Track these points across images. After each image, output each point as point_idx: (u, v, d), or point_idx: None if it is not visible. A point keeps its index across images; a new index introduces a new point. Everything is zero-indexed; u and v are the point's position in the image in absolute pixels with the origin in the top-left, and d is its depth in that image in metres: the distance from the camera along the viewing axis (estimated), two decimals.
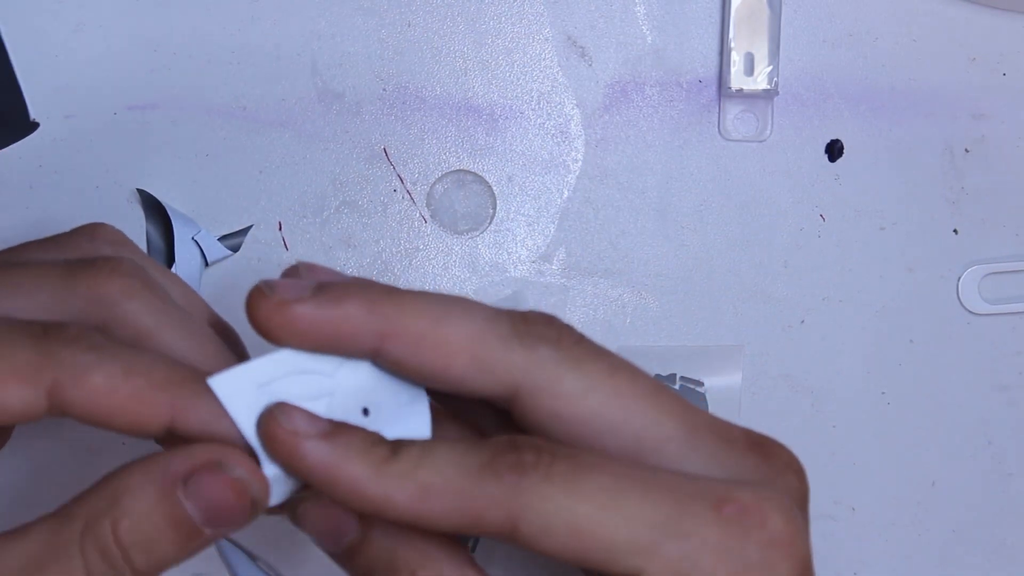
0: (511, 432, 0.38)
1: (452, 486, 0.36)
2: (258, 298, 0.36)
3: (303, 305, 0.36)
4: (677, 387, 0.56)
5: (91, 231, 0.43)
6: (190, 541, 0.36)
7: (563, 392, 0.37)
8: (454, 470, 0.36)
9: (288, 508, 0.38)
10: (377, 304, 0.37)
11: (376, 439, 0.37)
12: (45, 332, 0.37)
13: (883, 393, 0.56)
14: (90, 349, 0.37)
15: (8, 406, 0.36)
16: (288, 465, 0.36)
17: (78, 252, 0.42)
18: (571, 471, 0.36)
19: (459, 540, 0.38)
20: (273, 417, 0.36)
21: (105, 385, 0.36)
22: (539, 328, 0.38)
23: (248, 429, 0.36)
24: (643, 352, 0.56)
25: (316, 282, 0.37)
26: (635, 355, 0.55)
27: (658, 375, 0.56)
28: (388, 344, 0.37)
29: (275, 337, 0.36)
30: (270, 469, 0.36)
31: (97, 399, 0.36)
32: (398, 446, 0.36)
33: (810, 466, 0.56)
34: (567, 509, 0.35)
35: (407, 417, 0.39)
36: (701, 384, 0.55)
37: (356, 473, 0.36)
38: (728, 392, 0.56)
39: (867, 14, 0.56)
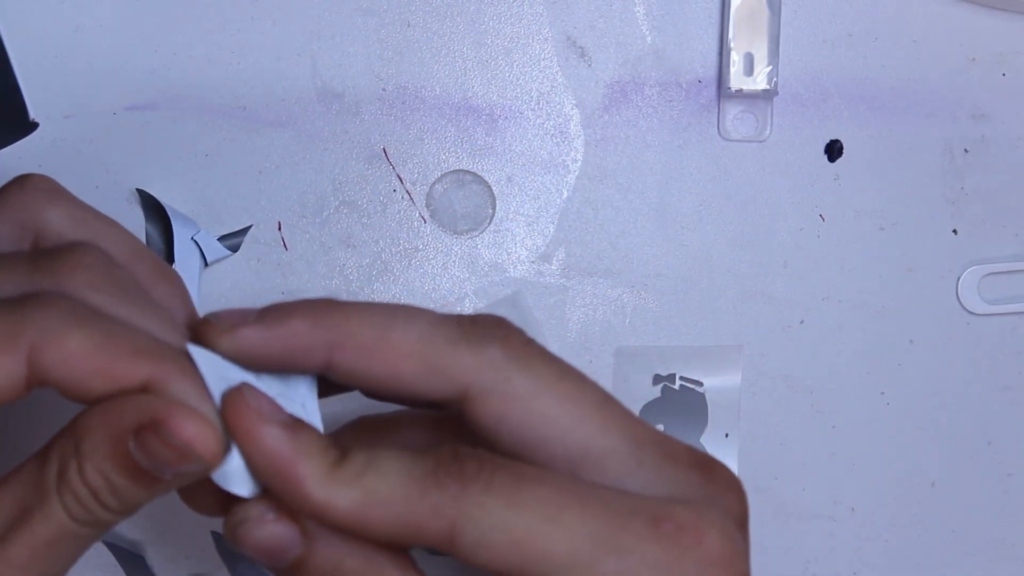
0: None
1: (395, 494, 0.36)
2: (205, 329, 0.37)
3: (249, 328, 0.37)
4: (677, 387, 0.56)
5: (20, 182, 0.42)
6: (152, 485, 0.36)
7: (512, 393, 0.38)
8: (397, 478, 0.36)
9: (227, 531, 0.37)
10: (322, 317, 0.37)
11: (329, 443, 0.37)
12: (20, 301, 0.37)
13: (883, 393, 0.56)
14: (67, 313, 0.36)
15: None
16: (244, 446, 0.36)
17: (12, 208, 0.42)
18: (512, 483, 0.36)
19: (404, 549, 0.38)
20: (240, 393, 0.36)
21: (83, 348, 0.36)
22: (487, 329, 0.38)
23: (219, 401, 0.37)
24: (643, 352, 0.56)
25: (258, 309, 0.38)
26: (635, 355, 0.55)
27: (658, 375, 0.56)
28: (337, 356, 0.37)
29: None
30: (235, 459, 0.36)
31: (75, 363, 0.36)
32: (346, 452, 0.37)
33: (810, 466, 0.56)
34: (506, 520, 0.35)
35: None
36: (700, 384, 0.55)
37: (306, 472, 0.36)
38: (728, 392, 0.56)
39: (867, 14, 0.56)
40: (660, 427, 0.56)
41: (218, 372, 0.37)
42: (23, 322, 0.36)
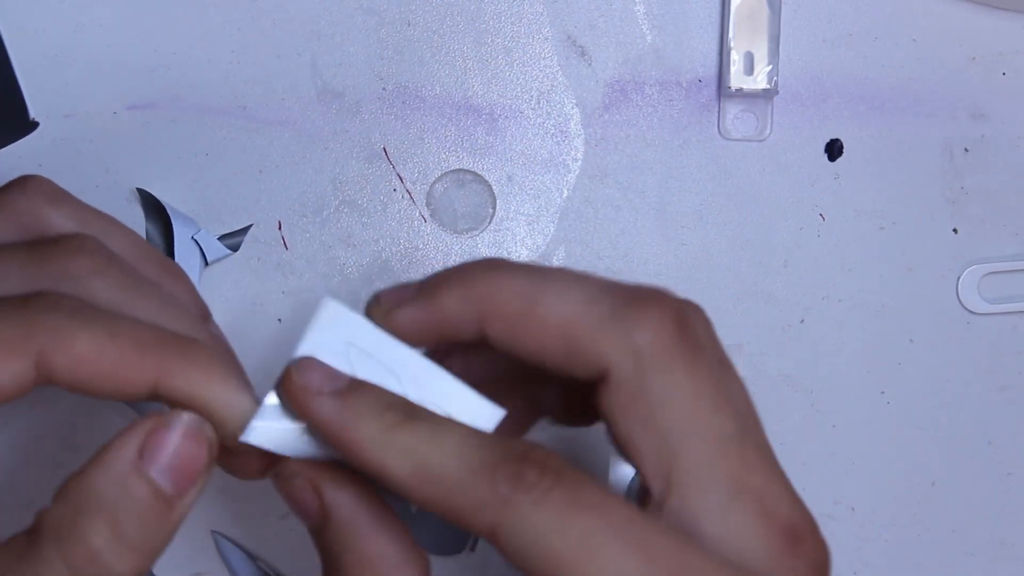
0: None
1: (447, 477, 0.35)
2: (371, 310, 0.38)
3: (404, 309, 0.37)
4: None
5: (22, 185, 0.42)
6: (168, 514, 0.37)
7: (641, 392, 0.36)
8: (455, 461, 0.35)
9: (272, 477, 0.38)
10: (472, 288, 0.37)
11: (392, 402, 0.36)
12: (25, 303, 0.37)
13: (883, 393, 0.56)
14: (73, 313, 0.36)
15: (2, 383, 0.36)
16: (304, 420, 0.37)
17: (15, 210, 0.42)
18: (565, 504, 0.35)
19: (419, 547, 0.38)
20: (288, 373, 0.37)
21: (91, 349, 0.36)
22: (642, 309, 0.36)
23: (304, 350, 0.37)
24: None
25: (418, 283, 0.38)
26: None
27: None
28: (487, 326, 0.37)
29: None
30: (272, 415, 0.37)
31: (83, 363, 0.36)
32: (414, 413, 0.36)
33: (810, 466, 0.56)
34: (546, 539, 0.35)
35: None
36: None
37: (360, 436, 0.36)
38: None
39: (867, 14, 0.56)
40: None
41: (333, 337, 0.37)
42: (32, 324, 0.36)
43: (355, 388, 0.37)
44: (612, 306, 0.36)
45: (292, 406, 0.37)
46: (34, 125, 0.53)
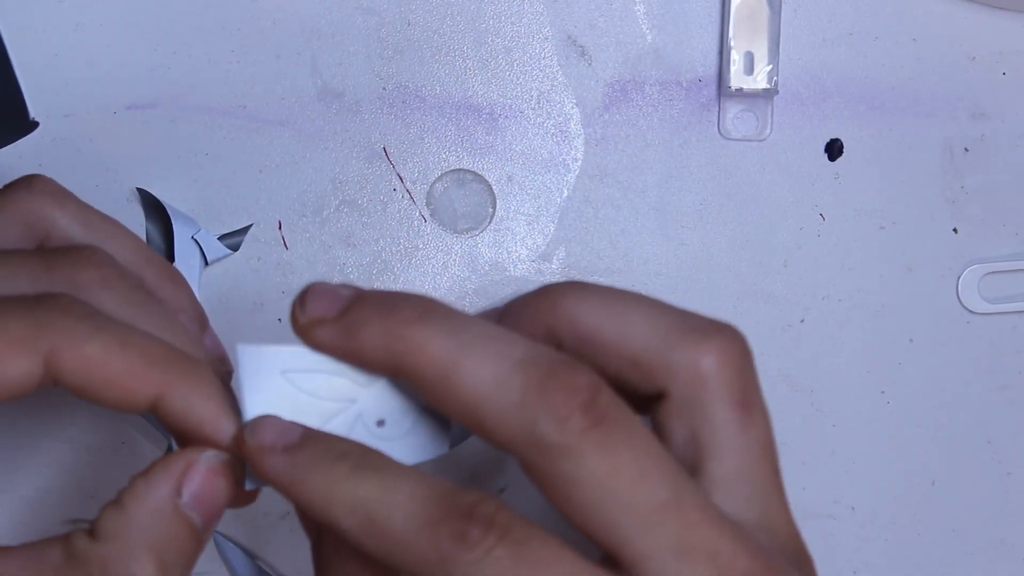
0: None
1: (394, 531, 0.35)
2: (292, 316, 0.38)
3: (325, 330, 0.37)
4: None
5: (27, 184, 0.43)
6: (198, 548, 0.38)
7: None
8: (401, 515, 0.35)
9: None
10: (395, 339, 0.36)
11: (343, 450, 0.36)
12: (38, 302, 0.37)
13: (883, 392, 0.56)
14: (85, 318, 0.37)
15: (7, 379, 0.36)
16: (260, 479, 0.37)
17: (21, 210, 0.42)
18: (509, 562, 0.34)
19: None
20: (244, 431, 0.37)
21: (100, 355, 0.37)
22: (563, 391, 0.35)
23: (252, 407, 0.37)
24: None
25: (344, 300, 0.37)
26: None
27: None
28: (404, 375, 0.37)
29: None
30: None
31: (91, 368, 0.37)
32: (364, 463, 0.36)
33: (810, 466, 0.56)
34: None
35: (425, 432, 0.39)
36: None
37: (309, 490, 0.36)
38: None
39: (867, 14, 0.56)
40: None
41: (264, 375, 0.37)
42: (44, 324, 0.36)
43: (305, 441, 0.37)
44: (533, 379, 0.35)
45: (249, 466, 0.37)
46: (34, 125, 0.53)
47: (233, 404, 0.38)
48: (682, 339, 0.37)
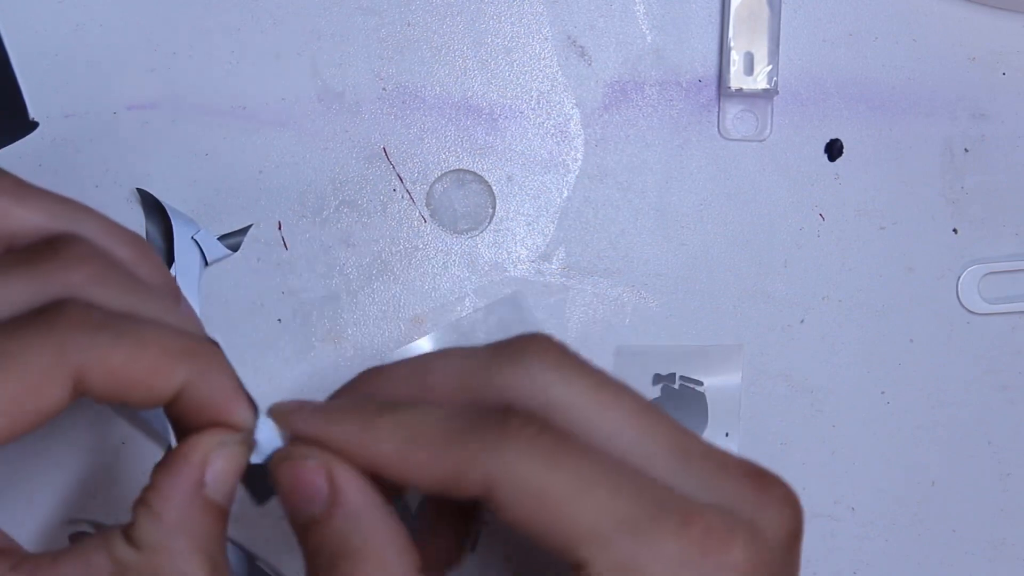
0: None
1: (435, 440, 0.36)
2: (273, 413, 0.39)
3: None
4: (676, 387, 0.56)
5: None
6: (225, 531, 0.39)
7: (550, 403, 0.38)
8: (441, 425, 0.37)
9: (271, 465, 0.39)
10: (335, 458, 0.38)
11: (365, 402, 0.38)
12: (52, 323, 0.37)
13: (883, 392, 0.56)
14: (101, 327, 0.37)
15: (43, 408, 0.37)
16: (295, 433, 0.39)
17: None
18: (554, 446, 0.36)
19: (417, 551, 0.39)
20: (270, 409, 0.39)
21: (125, 362, 0.37)
22: (521, 344, 0.39)
23: None
24: (643, 351, 0.56)
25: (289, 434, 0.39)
26: (635, 354, 0.55)
27: (658, 375, 0.56)
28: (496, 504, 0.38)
29: None
30: (263, 431, 0.39)
31: (117, 376, 0.37)
32: (387, 404, 0.38)
33: (810, 466, 0.56)
34: (541, 480, 0.36)
35: None
36: (701, 384, 0.55)
37: (345, 429, 0.37)
38: (728, 391, 0.56)
39: (867, 14, 0.56)
40: None
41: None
42: (66, 345, 0.36)
43: (329, 402, 0.39)
44: (463, 445, 0.37)
45: (282, 426, 0.39)
46: (34, 125, 0.53)
47: (240, 382, 0.39)
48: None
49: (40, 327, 0.37)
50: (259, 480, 0.41)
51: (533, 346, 0.38)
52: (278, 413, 0.39)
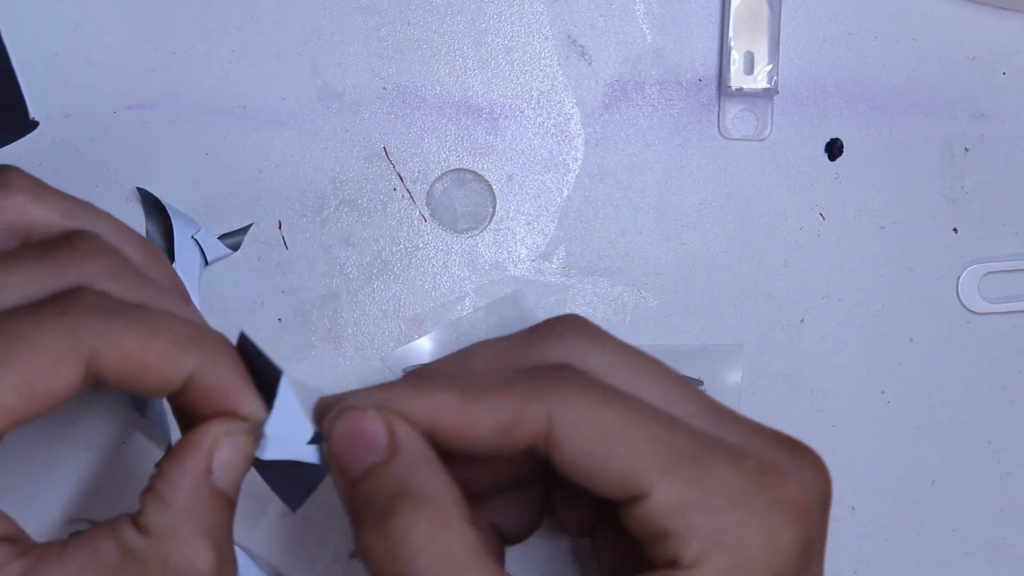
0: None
1: (496, 384, 0.38)
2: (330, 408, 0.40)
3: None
4: None
5: (4, 185, 0.43)
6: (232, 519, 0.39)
7: (592, 367, 0.40)
8: (498, 375, 0.38)
9: (329, 417, 0.39)
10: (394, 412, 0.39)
11: (416, 371, 0.40)
12: (65, 306, 0.37)
13: (883, 392, 0.56)
14: (113, 313, 0.38)
15: (56, 390, 0.37)
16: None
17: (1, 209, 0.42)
18: (609, 390, 0.38)
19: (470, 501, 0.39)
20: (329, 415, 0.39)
21: (137, 346, 0.37)
22: (557, 324, 0.41)
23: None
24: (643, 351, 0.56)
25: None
26: None
27: None
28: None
29: None
30: (273, 426, 0.39)
31: (130, 361, 0.37)
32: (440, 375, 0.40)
33: None
34: (601, 414, 0.37)
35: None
36: (701, 383, 0.55)
37: (401, 391, 0.38)
38: (728, 391, 0.56)
39: (867, 14, 0.56)
40: None
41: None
42: (79, 328, 0.37)
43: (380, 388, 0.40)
44: (514, 409, 0.39)
45: (335, 403, 0.39)
46: (34, 125, 0.53)
47: (248, 375, 0.39)
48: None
49: (54, 311, 0.37)
50: (291, 484, 0.41)
51: (568, 321, 0.41)
52: (325, 399, 0.39)
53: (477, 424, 0.38)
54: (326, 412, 0.39)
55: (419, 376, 0.40)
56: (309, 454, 0.39)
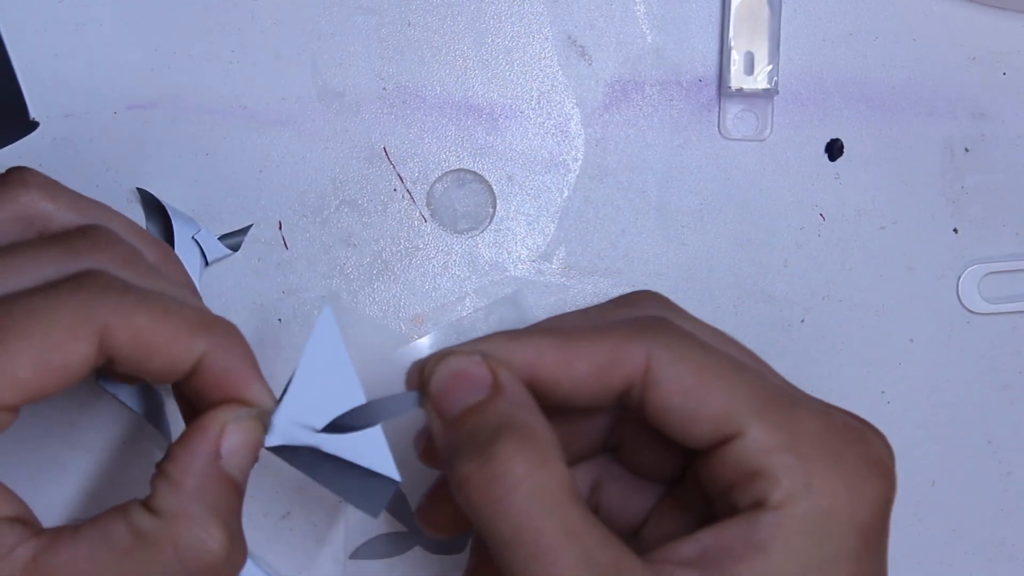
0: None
1: (593, 329, 0.39)
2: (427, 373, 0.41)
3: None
4: None
5: (22, 181, 0.43)
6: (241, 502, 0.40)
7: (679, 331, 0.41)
8: (593, 323, 0.39)
9: (430, 365, 0.40)
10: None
11: (502, 332, 0.40)
12: (79, 284, 0.38)
13: (883, 392, 0.56)
14: (127, 292, 0.38)
15: (70, 364, 0.37)
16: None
17: (17, 204, 0.43)
18: (699, 342, 0.39)
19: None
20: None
21: (149, 325, 0.38)
22: (637, 297, 0.43)
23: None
24: None
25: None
26: None
27: None
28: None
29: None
30: (281, 415, 0.40)
31: (142, 339, 0.38)
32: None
33: None
34: (698, 357, 0.38)
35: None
36: None
37: (496, 342, 0.39)
38: None
39: (867, 14, 0.56)
40: None
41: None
42: (92, 304, 0.38)
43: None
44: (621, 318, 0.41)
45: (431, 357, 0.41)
46: (34, 125, 0.53)
47: (255, 360, 0.40)
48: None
49: (69, 288, 0.38)
50: (367, 493, 0.41)
51: (647, 293, 0.42)
52: (420, 360, 0.40)
53: (576, 364, 0.39)
54: (424, 366, 0.40)
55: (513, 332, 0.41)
56: (320, 441, 0.40)
